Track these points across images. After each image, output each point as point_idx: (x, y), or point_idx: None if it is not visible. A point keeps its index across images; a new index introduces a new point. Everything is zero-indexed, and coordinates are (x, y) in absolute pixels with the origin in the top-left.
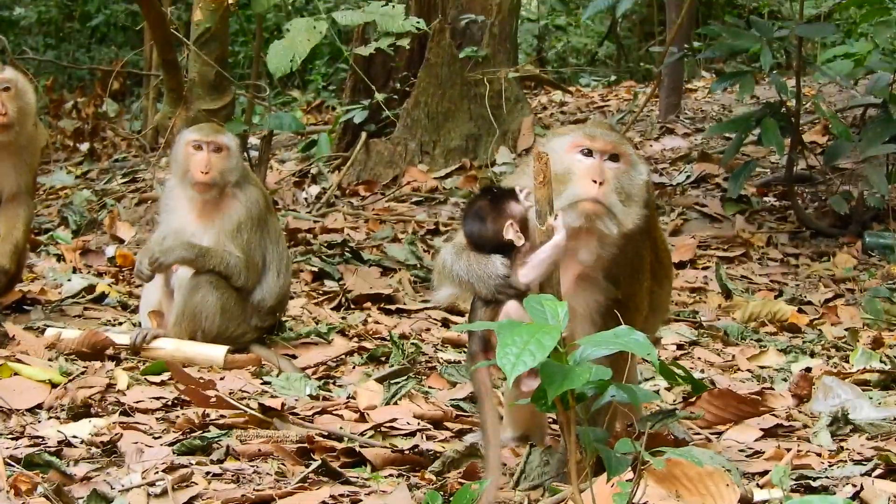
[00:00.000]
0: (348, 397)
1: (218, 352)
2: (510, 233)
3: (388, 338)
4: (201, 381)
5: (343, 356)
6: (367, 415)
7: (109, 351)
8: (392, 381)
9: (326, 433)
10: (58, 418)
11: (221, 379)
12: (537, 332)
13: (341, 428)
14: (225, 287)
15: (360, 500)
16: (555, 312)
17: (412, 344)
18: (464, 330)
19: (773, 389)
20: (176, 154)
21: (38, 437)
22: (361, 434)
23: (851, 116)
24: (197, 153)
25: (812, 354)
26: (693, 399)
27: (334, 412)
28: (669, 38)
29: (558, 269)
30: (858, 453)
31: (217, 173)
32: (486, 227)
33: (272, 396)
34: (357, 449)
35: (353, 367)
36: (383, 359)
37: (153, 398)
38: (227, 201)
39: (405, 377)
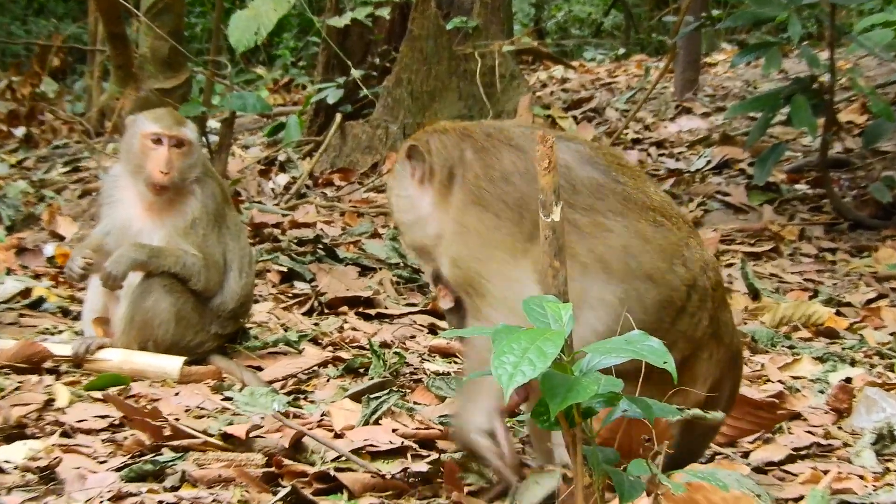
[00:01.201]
0: (322, 415)
1: (172, 363)
2: (441, 301)
3: (368, 346)
4: (146, 409)
5: (316, 368)
6: (344, 434)
7: (48, 363)
8: (372, 396)
9: (300, 433)
10: None
11: (176, 394)
12: (538, 337)
13: (312, 452)
14: (180, 290)
15: None
16: (557, 315)
17: (395, 353)
18: (452, 336)
19: (797, 392)
20: (129, 145)
21: None
22: (337, 456)
23: (893, 93)
24: (156, 148)
25: (852, 363)
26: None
27: (306, 432)
28: (685, 5)
29: (565, 266)
30: None
31: (177, 172)
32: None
33: (234, 414)
34: (332, 473)
35: (328, 381)
36: (362, 371)
37: (98, 417)
38: (181, 194)
39: (387, 391)
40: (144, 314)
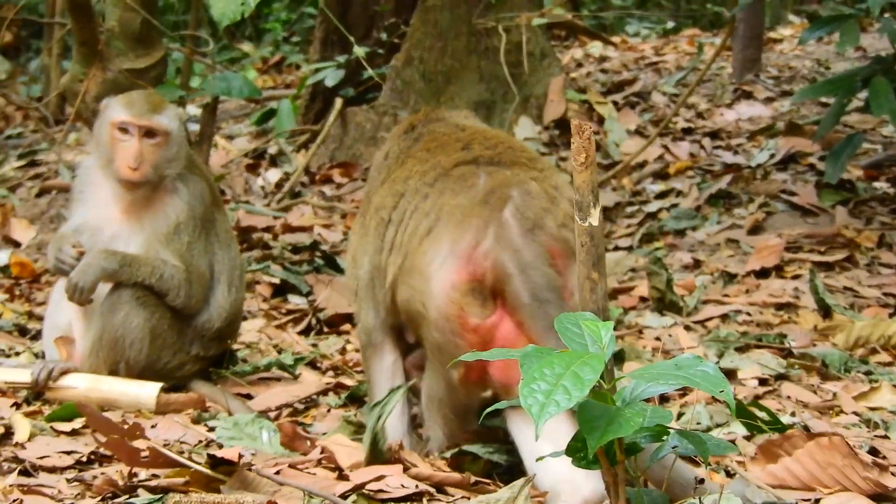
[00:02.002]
0: (322, 450)
1: (148, 391)
2: None
3: None
4: (126, 427)
5: (314, 396)
6: (348, 476)
7: (3, 389)
8: (375, 403)
9: (304, 491)
10: None
11: (153, 426)
12: (574, 361)
13: (311, 496)
14: (155, 304)
15: None
16: (596, 335)
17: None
18: (476, 359)
19: (875, 426)
20: (99, 133)
21: None
22: (343, 497)
23: None
24: (124, 139)
25: None
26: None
27: (304, 469)
28: None
29: (604, 278)
30: None
31: (150, 168)
32: None
33: (220, 447)
34: None
35: (329, 411)
36: (367, 398)
37: (62, 453)
38: (163, 195)
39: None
40: (114, 332)
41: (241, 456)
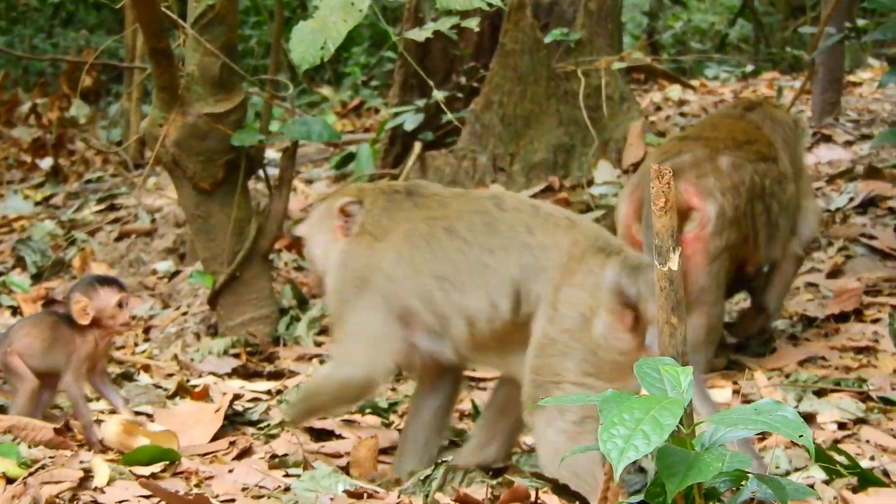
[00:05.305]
0: (400, 493)
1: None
2: None
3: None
4: (189, 496)
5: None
6: None
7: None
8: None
9: None
10: None
11: (230, 471)
12: (653, 406)
13: None
14: None
15: None
16: (675, 380)
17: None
18: (555, 404)
19: None
20: None
21: None
22: None
23: None
24: None
25: None
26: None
27: None
28: (825, 14)
29: (684, 324)
30: None
31: None
32: None
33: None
34: None
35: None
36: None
37: (141, 497)
38: None
39: (462, 472)
40: None
41: None
